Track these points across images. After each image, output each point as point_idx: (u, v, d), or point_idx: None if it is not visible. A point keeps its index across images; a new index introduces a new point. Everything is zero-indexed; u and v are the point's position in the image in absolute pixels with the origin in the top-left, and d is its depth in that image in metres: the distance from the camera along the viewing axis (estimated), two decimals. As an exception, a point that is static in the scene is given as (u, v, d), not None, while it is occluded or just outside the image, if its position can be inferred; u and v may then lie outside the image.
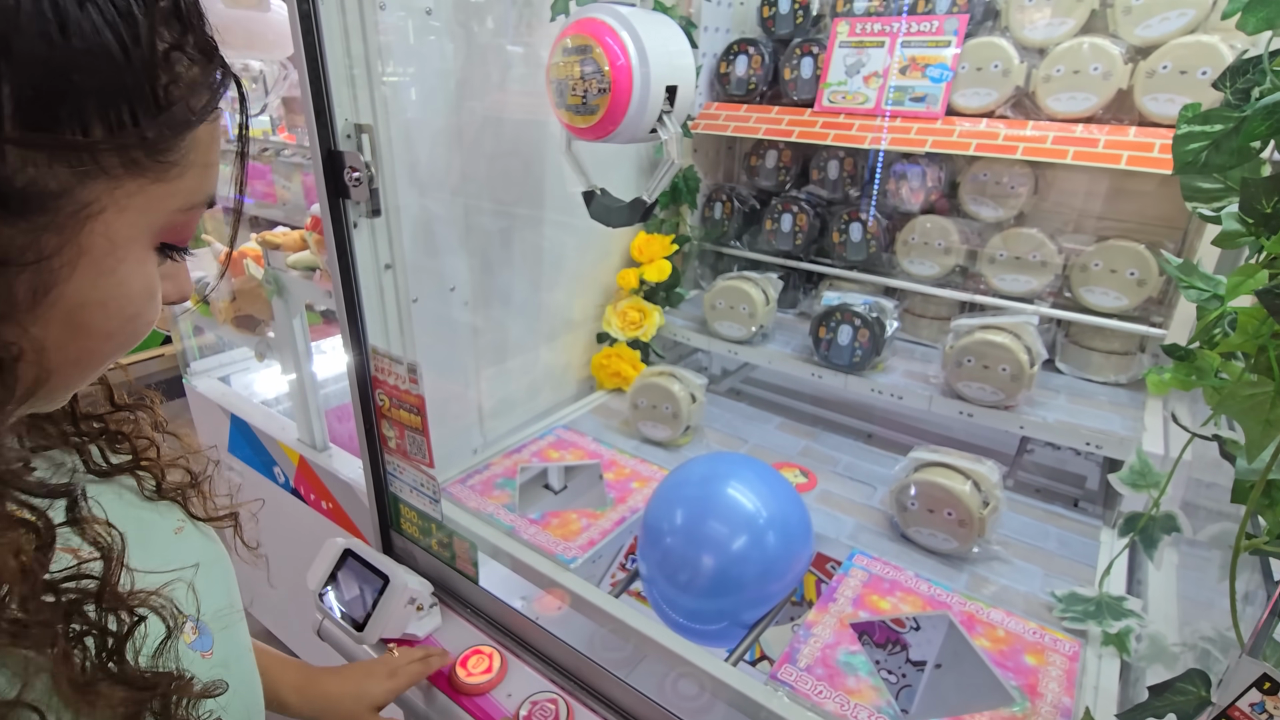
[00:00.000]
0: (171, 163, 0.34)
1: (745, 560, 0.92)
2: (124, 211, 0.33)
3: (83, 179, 0.31)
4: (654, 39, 0.85)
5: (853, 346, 1.26)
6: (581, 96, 0.87)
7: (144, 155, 0.32)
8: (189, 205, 0.36)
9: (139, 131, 0.32)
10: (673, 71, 0.86)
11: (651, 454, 1.29)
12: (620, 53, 0.83)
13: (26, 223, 0.29)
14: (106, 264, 0.33)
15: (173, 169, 0.34)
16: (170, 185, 0.34)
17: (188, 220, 0.37)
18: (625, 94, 0.84)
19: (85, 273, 0.32)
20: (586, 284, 1.51)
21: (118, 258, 0.33)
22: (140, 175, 0.33)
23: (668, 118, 0.88)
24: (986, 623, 0.90)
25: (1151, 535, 0.76)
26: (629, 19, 0.84)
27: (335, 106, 0.90)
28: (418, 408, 0.98)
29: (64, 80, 0.29)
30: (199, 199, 0.37)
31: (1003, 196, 1.25)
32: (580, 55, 0.85)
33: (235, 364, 1.99)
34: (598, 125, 0.88)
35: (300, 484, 1.62)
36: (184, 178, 0.35)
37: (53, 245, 0.31)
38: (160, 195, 0.34)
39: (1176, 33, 1.02)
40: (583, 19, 0.86)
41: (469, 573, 1.03)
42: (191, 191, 0.36)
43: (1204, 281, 0.57)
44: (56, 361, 0.33)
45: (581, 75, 0.86)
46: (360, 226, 0.97)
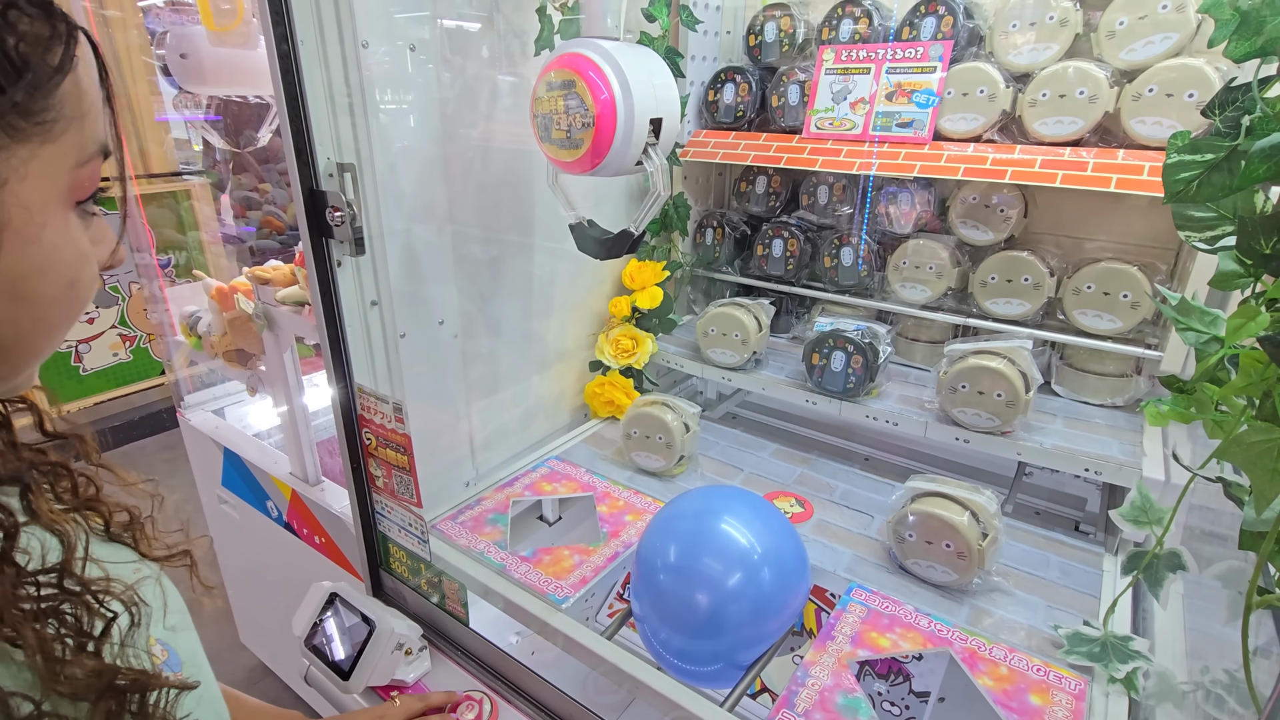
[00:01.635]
0: (51, 121, 0.35)
1: (740, 598, 0.90)
2: (26, 179, 0.34)
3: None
4: (638, 73, 0.85)
5: (846, 373, 1.25)
6: (566, 131, 0.87)
7: (21, 120, 0.33)
8: (83, 159, 0.37)
9: (8, 98, 0.33)
10: (657, 104, 0.87)
11: (645, 485, 1.28)
12: (604, 87, 0.83)
13: None
14: (30, 232, 0.34)
15: (54, 127, 0.35)
16: (58, 144, 0.35)
17: (89, 173, 0.38)
18: (609, 128, 0.84)
19: (12, 244, 0.34)
20: (578, 312, 1.50)
21: (38, 224, 0.35)
22: (27, 140, 0.34)
23: (653, 150, 0.88)
24: (989, 660, 0.88)
25: (1156, 574, 0.74)
26: (612, 54, 0.84)
27: (317, 145, 0.90)
28: (404, 447, 0.96)
29: None
30: (91, 149, 0.38)
31: (993, 220, 1.24)
32: (564, 90, 0.85)
33: (229, 396, 1.98)
34: (583, 159, 0.88)
35: (293, 518, 1.60)
36: (68, 133, 0.36)
37: None
38: (54, 155, 0.35)
39: (1161, 56, 1.02)
40: (566, 54, 0.86)
41: (459, 614, 1.01)
42: (80, 145, 0.37)
43: (1201, 321, 0.56)
44: (10, 335, 0.35)
45: (565, 109, 0.86)
46: (344, 264, 0.96)
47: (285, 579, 1.71)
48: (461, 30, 1.11)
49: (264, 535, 1.70)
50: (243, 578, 1.97)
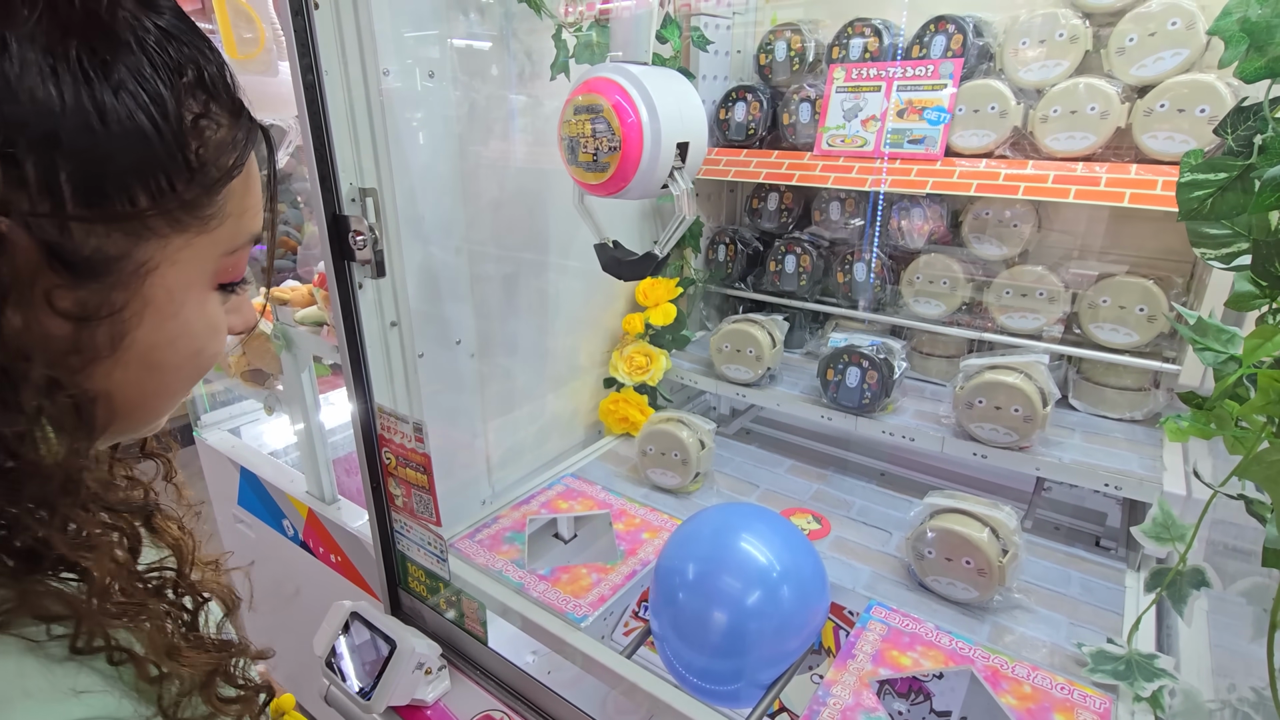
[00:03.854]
0: (210, 215, 0.38)
1: (760, 616, 0.90)
2: (176, 264, 0.37)
3: (136, 242, 0.35)
4: (665, 97, 0.85)
5: (861, 388, 1.25)
6: (592, 154, 0.87)
7: (184, 214, 0.37)
8: (233, 248, 0.41)
9: (177, 196, 0.36)
10: (684, 128, 0.87)
11: (661, 502, 1.28)
12: (631, 111, 0.84)
13: (97, 283, 0.34)
14: (168, 310, 0.38)
15: (212, 221, 0.38)
16: (213, 235, 0.39)
17: (236, 261, 0.42)
18: (636, 152, 0.85)
19: (151, 319, 0.37)
20: (592, 329, 1.52)
21: (178, 303, 0.38)
22: (184, 231, 0.37)
23: (679, 174, 0.89)
24: (1012, 678, 0.87)
25: (1180, 591, 0.73)
26: (639, 78, 0.85)
27: (340, 171, 0.92)
28: (424, 466, 0.97)
29: (108, 162, 0.33)
30: (241, 241, 0.41)
31: (1006, 234, 1.25)
32: (591, 114, 0.86)
33: (245, 415, 2.00)
34: (609, 182, 0.88)
35: (309, 537, 1.61)
36: (224, 226, 0.39)
37: (121, 300, 0.36)
38: (205, 245, 0.39)
39: (1172, 71, 1.02)
40: (593, 78, 0.87)
41: (478, 633, 1.01)
42: (233, 237, 0.40)
43: (1219, 341, 0.56)
44: (138, 395, 0.39)
45: (593, 133, 0.87)
46: (365, 287, 0.98)
47: (301, 598, 1.72)
48: (477, 55, 1.13)
49: (280, 554, 1.71)
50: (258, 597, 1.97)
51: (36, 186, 0.31)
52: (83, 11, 0.33)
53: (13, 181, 0.31)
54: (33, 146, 0.31)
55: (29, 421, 0.33)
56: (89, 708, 0.34)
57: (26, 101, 0.31)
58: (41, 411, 0.33)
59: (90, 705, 0.34)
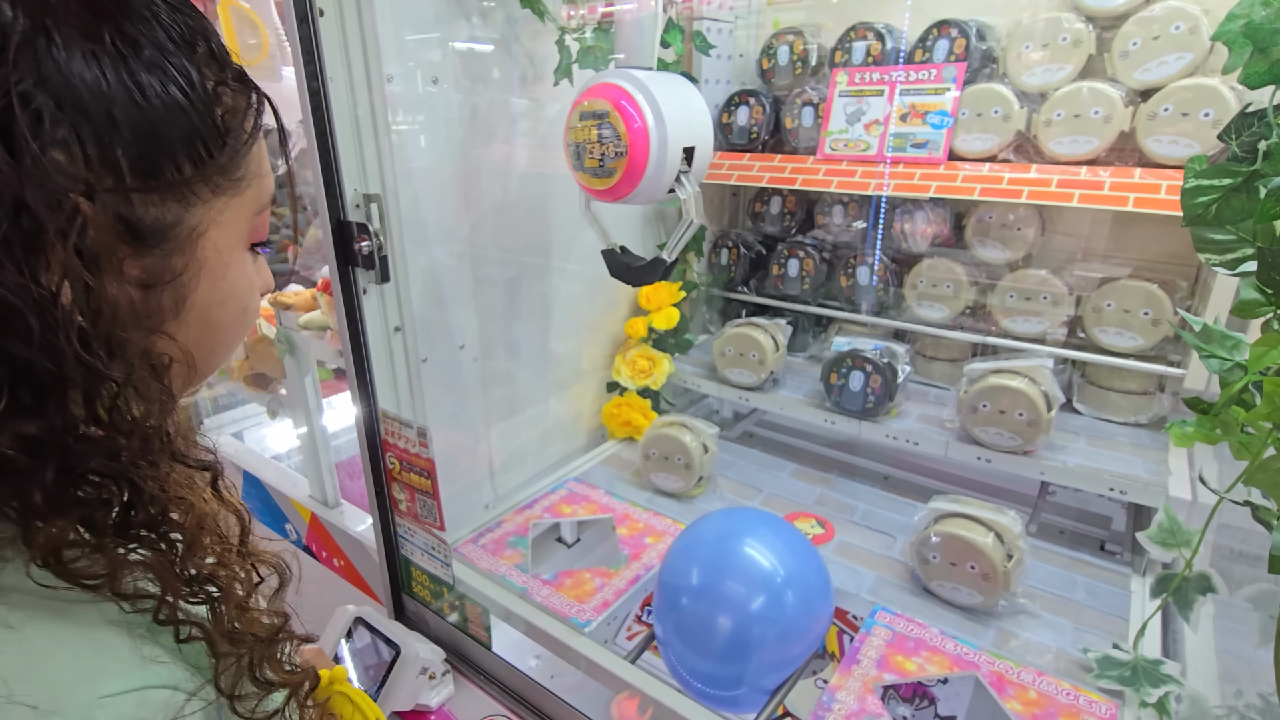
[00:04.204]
0: (240, 178, 0.41)
1: (765, 621, 0.90)
2: (221, 226, 0.41)
3: (186, 208, 0.38)
4: (671, 102, 0.85)
5: (865, 392, 1.25)
6: (599, 160, 0.87)
7: (222, 178, 0.40)
8: (260, 208, 0.44)
9: (215, 161, 0.39)
10: (690, 133, 0.87)
11: (665, 506, 1.28)
12: (636, 116, 0.84)
13: (160, 250, 0.38)
14: (219, 270, 0.41)
15: (243, 183, 0.42)
16: (244, 196, 0.42)
17: (262, 220, 0.45)
18: (642, 157, 0.85)
19: (206, 281, 0.41)
20: (595, 333, 1.52)
21: (225, 263, 0.42)
22: (223, 194, 0.40)
23: (685, 178, 0.88)
24: (1017, 683, 0.87)
25: (1186, 596, 0.73)
26: (645, 83, 0.85)
27: (344, 178, 0.92)
28: (428, 471, 0.97)
29: (155, 135, 0.36)
30: (265, 200, 0.45)
31: (1009, 238, 1.25)
32: (597, 120, 0.86)
33: (248, 419, 2.00)
34: (615, 187, 0.88)
35: (312, 541, 1.61)
36: (251, 187, 0.42)
37: (180, 264, 0.39)
38: (240, 206, 0.42)
39: (1175, 76, 1.02)
40: (599, 84, 0.86)
41: (482, 638, 1.01)
42: (259, 197, 0.44)
43: (1224, 347, 0.56)
44: (198, 355, 0.42)
45: (599, 139, 0.86)
46: (370, 292, 0.98)
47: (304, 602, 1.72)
48: (480, 60, 1.14)
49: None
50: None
51: (99, 163, 0.34)
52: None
53: (79, 160, 0.33)
54: (92, 126, 0.33)
55: (120, 385, 0.35)
56: (159, 676, 0.36)
57: (79, 86, 0.33)
58: (130, 375, 0.35)
59: (160, 675, 0.36)
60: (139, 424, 0.36)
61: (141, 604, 0.37)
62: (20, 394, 0.32)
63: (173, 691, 0.36)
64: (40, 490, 0.33)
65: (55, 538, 0.34)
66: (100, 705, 0.33)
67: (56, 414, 0.33)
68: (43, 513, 0.34)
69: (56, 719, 0.32)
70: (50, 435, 0.33)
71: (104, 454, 0.35)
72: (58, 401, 0.33)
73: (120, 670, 0.35)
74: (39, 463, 0.33)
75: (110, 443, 0.35)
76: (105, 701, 0.33)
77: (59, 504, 0.34)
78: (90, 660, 0.35)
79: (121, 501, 0.37)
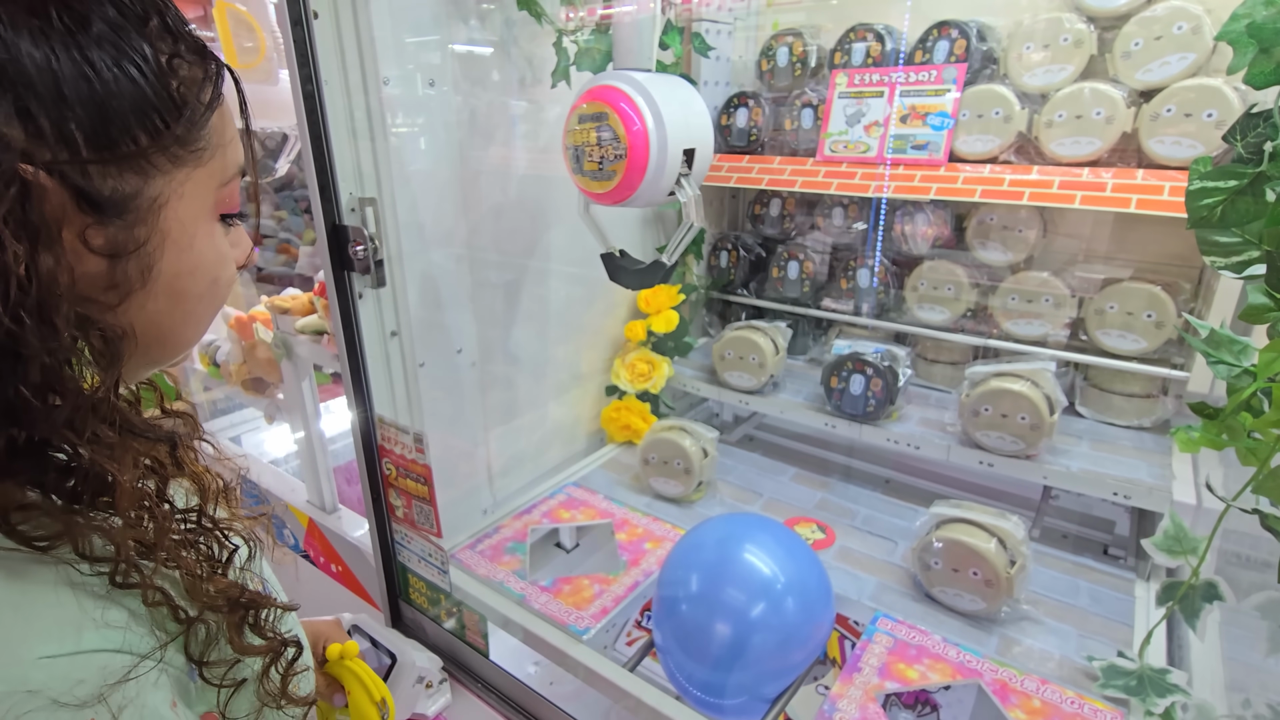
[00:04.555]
0: (201, 149, 0.41)
1: (765, 629, 0.89)
2: (183, 198, 0.41)
3: (146, 179, 0.39)
4: (671, 104, 0.84)
5: (866, 396, 1.24)
6: (598, 162, 0.87)
7: (180, 149, 0.40)
8: (226, 179, 0.45)
9: (171, 132, 0.40)
10: (690, 134, 0.86)
11: (664, 511, 1.27)
12: (636, 118, 0.83)
13: (122, 220, 0.38)
14: (184, 240, 0.42)
15: (204, 154, 0.42)
16: (207, 168, 0.42)
17: (230, 191, 0.45)
18: (642, 159, 0.84)
19: (171, 250, 0.41)
20: (594, 336, 1.51)
21: (190, 233, 0.42)
22: (183, 165, 0.41)
23: (686, 180, 0.88)
24: (1021, 692, 0.86)
25: (1192, 604, 0.72)
26: (644, 85, 0.84)
27: (339, 181, 0.91)
28: (424, 477, 0.96)
29: (108, 108, 0.37)
30: (231, 172, 0.45)
31: (1011, 240, 1.24)
32: (596, 122, 0.85)
33: (246, 423, 1.99)
34: (615, 190, 0.87)
35: (310, 546, 1.60)
36: (214, 159, 0.43)
37: (144, 234, 0.40)
38: (203, 178, 0.42)
39: (1178, 76, 1.01)
40: (597, 86, 0.86)
41: (479, 646, 1.00)
42: (224, 168, 0.44)
43: (1231, 352, 0.55)
44: (169, 324, 0.43)
45: (598, 141, 0.86)
46: (365, 296, 0.97)
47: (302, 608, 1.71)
48: (477, 62, 1.13)
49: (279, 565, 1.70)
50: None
51: (53, 138, 0.35)
52: None
53: (32, 135, 0.34)
54: (42, 102, 0.34)
55: (66, 353, 0.36)
56: (105, 640, 0.36)
57: (28, 63, 0.34)
58: (76, 343, 0.37)
59: (108, 638, 0.36)
60: (84, 394, 0.37)
61: (99, 567, 0.38)
62: None
63: (116, 655, 0.36)
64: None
65: (3, 501, 0.36)
66: (38, 665, 0.34)
67: (6, 381, 0.34)
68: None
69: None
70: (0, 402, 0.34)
71: (49, 422, 0.36)
72: (6, 369, 0.34)
73: (63, 633, 0.35)
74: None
75: (55, 411, 0.36)
76: (43, 662, 0.34)
77: (8, 468, 0.36)
78: (34, 621, 0.35)
79: (70, 467, 0.38)
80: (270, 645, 0.47)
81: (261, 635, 0.47)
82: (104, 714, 0.34)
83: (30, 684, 0.33)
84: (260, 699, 0.46)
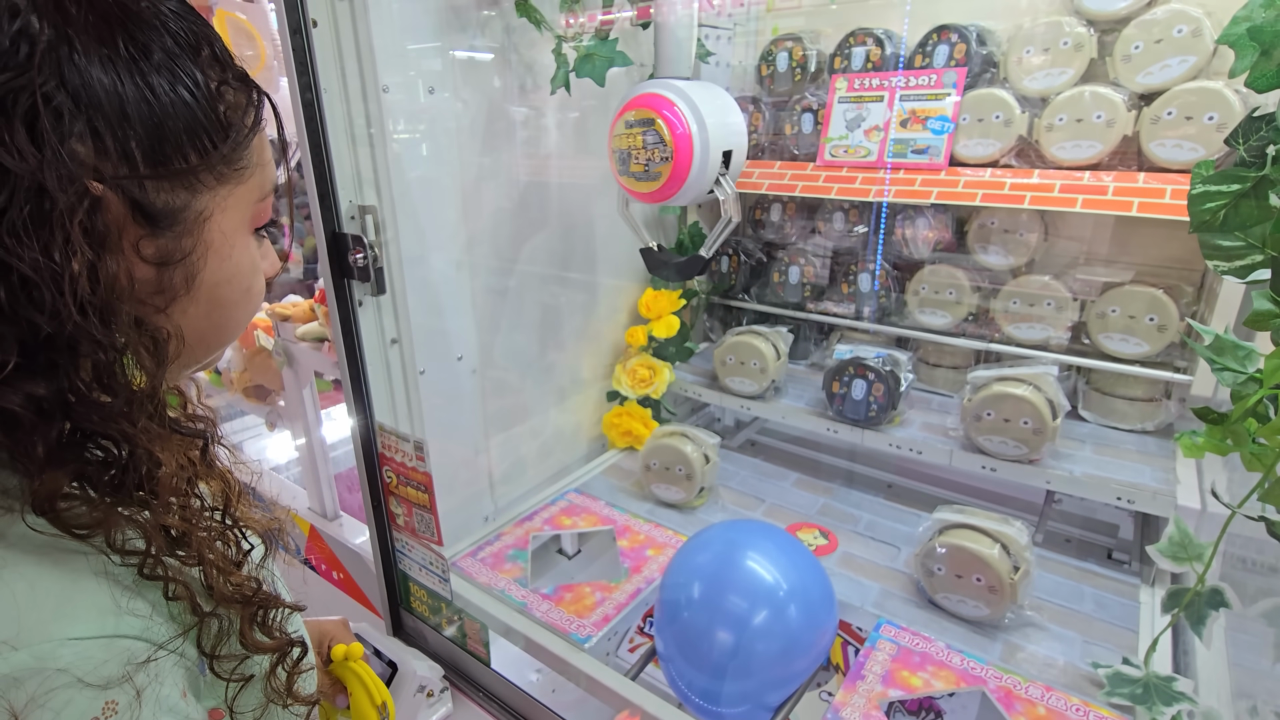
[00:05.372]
0: (243, 168, 0.45)
1: (767, 637, 0.88)
2: (225, 211, 0.44)
3: (194, 194, 0.42)
4: (711, 109, 0.91)
5: (867, 401, 1.23)
6: (644, 164, 0.93)
7: (225, 168, 0.43)
8: (262, 196, 0.48)
9: (218, 152, 0.43)
10: (727, 137, 0.93)
11: (666, 518, 1.26)
12: (680, 123, 0.90)
13: (171, 232, 0.42)
14: (225, 251, 0.45)
15: (245, 172, 0.45)
16: (247, 185, 0.45)
17: (265, 207, 0.49)
18: (686, 160, 0.91)
19: (213, 260, 0.44)
20: (595, 342, 1.51)
21: (230, 245, 0.45)
22: (227, 183, 0.44)
23: (724, 179, 0.94)
24: (1025, 699, 0.85)
25: (1198, 612, 0.71)
26: (687, 92, 0.91)
27: (339, 189, 0.91)
28: (425, 485, 0.96)
29: (164, 129, 0.40)
30: (267, 189, 0.49)
31: (1012, 244, 1.23)
32: (643, 127, 0.92)
33: (247, 431, 1.99)
34: (660, 190, 0.94)
35: (312, 554, 1.60)
36: (254, 177, 0.46)
37: (190, 244, 0.43)
38: (243, 194, 0.45)
39: (1179, 79, 1.01)
40: (643, 94, 0.93)
41: (480, 654, 1.00)
42: (261, 185, 0.47)
43: (1236, 359, 0.54)
44: (207, 327, 0.46)
45: (644, 145, 0.92)
46: (365, 304, 0.97)
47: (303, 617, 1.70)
48: (477, 69, 1.13)
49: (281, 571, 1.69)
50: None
51: (116, 155, 0.38)
52: (114, 4, 0.39)
53: (100, 153, 0.37)
54: (109, 123, 0.37)
55: (120, 352, 0.39)
56: (130, 627, 0.39)
57: (97, 87, 0.37)
58: (129, 344, 0.39)
59: (132, 625, 0.39)
60: (136, 390, 0.40)
61: (129, 559, 0.40)
62: (33, 357, 0.36)
63: (137, 642, 0.39)
64: (43, 444, 0.37)
65: (51, 488, 0.38)
66: (66, 645, 0.36)
67: (64, 377, 0.37)
68: (43, 465, 0.37)
69: (19, 653, 0.34)
70: (56, 395, 0.37)
71: (101, 415, 0.39)
72: (65, 365, 0.37)
73: (93, 617, 0.38)
74: (44, 420, 0.37)
75: (108, 406, 0.39)
76: (72, 643, 0.36)
77: (58, 458, 0.38)
78: (66, 603, 0.37)
79: (115, 460, 0.41)
80: (278, 644, 0.49)
81: (269, 634, 0.48)
82: (124, 696, 0.37)
83: (59, 662, 0.35)
84: (267, 695, 0.48)
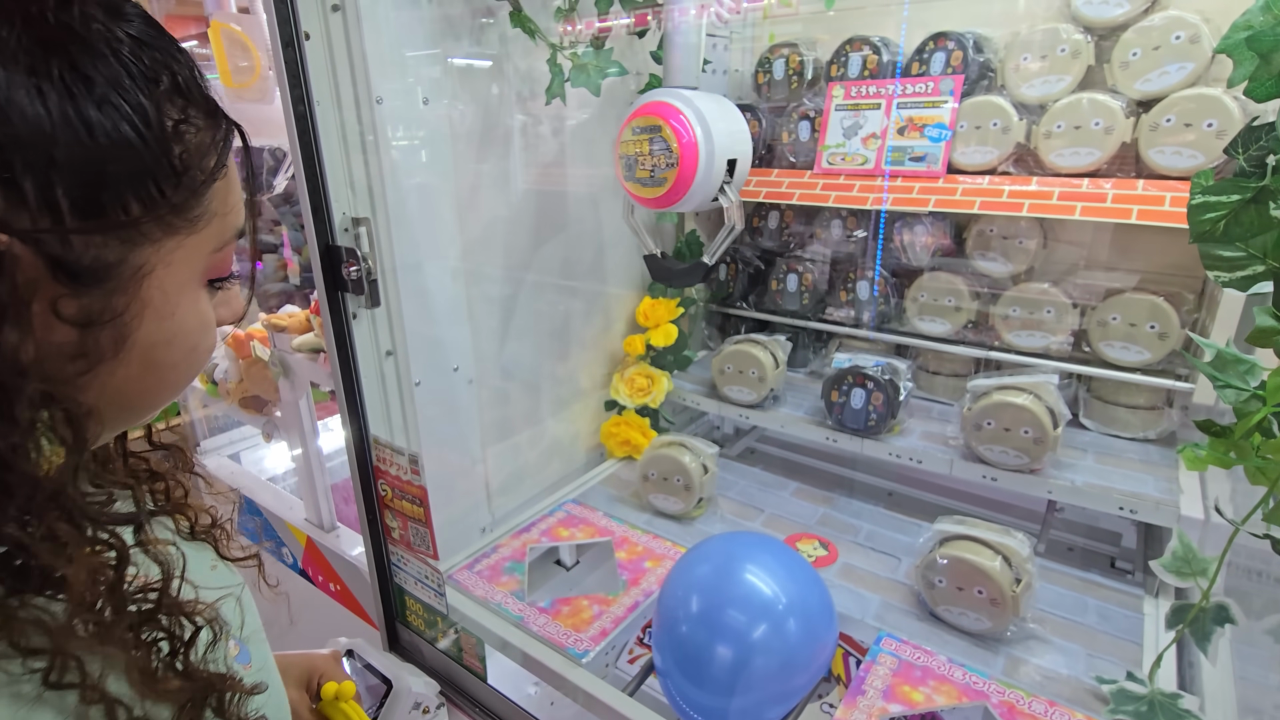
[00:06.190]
0: (198, 216, 0.39)
1: (766, 652, 0.87)
2: (170, 266, 0.38)
3: (132, 248, 0.36)
4: (716, 118, 0.92)
5: (867, 410, 1.22)
6: (650, 170, 0.95)
7: (175, 217, 0.38)
8: (220, 246, 0.42)
9: (167, 200, 0.37)
10: (732, 146, 0.94)
11: (664, 529, 1.25)
12: (686, 131, 0.91)
13: (100, 290, 0.35)
14: (165, 310, 0.39)
15: (200, 221, 0.39)
16: (201, 235, 0.40)
17: (224, 257, 0.43)
18: (691, 167, 0.93)
19: (150, 320, 0.38)
20: (592, 351, 1.50)
21: (173, 303, 0.39)
22: (175, 234, 0.38)
23: (728, 187, 0.96)
24: (1028, 714, 0.84)
25: (1203, 628, 0.70)
26: (693, 101, 0.92)
27: (332, 201, 0.90)
28: (420, 499, 0.95)
29: (100, 174, 0.34)
30: (227, 237, 0.42)
31: (1011, 251, 1.23)
32: (649, 134, 0.93)
33: (245, 441, 1.98)
34: (665, 196, 0.95)
35: (308, 565, 1.59)
36: (211, 225, 0.40)
37: (122, 304, 0.37)
38: (195, 245, 0.39)
39: (1177, 86, 1.01)
40: (650, 102, 0.94)
41: (477, 670, 0.99)
42: (219, 234, 0.41)
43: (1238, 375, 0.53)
44: (139, 391, 0.40)
45: (650, 151, 0.94)
46: (360, 317, 0.96)
47: (299, 628, 1.69)
48: (472, 79, 1.13)
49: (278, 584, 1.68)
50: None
51: (36, 204, 0.32)
52: (58, 26, 0.33)
53: (13, 201, 0.31)
54: (28, 166, 0.32)
55: (23, 434, 0.33)
56: None
57: (18, 122, 0.31)
58: (35, 424, 0.33)
59: None
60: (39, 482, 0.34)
61: (34, 663, 0.34)
62: None
63: None
64: None
65: None
66: None
67: None
68: None
69: None
70: None
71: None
72: None
73: None
74: None
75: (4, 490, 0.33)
76: None
77: None
78: None
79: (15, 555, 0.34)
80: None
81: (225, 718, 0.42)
82: None
83: None
84: None
